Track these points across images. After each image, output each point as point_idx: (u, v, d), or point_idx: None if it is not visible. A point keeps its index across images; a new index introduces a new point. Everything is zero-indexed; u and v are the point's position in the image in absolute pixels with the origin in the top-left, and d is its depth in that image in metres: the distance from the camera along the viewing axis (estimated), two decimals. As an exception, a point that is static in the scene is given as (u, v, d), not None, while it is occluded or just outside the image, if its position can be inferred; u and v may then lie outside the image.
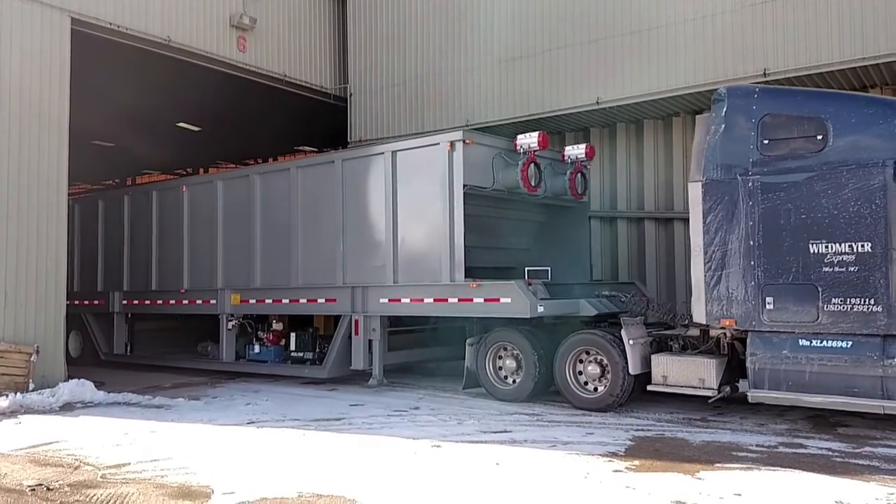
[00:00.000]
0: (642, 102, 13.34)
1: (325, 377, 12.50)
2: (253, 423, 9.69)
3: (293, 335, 13.33)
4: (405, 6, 16.72)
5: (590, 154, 11.99)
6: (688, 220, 9.19)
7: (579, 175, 12.14)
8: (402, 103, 16.66)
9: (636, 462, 7.30)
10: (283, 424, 9.52)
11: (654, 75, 13.07)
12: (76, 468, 7.44)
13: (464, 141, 10.88)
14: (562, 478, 6.76)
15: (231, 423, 9.69)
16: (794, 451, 7.79)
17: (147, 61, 14.84)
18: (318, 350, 13.08)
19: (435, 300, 11.18)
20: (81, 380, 11.93)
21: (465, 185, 10.84)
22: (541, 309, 10.18)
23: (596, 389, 10.10)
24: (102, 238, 16.88)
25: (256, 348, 13.87)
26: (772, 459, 7.40)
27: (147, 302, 15.76)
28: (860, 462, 7.32)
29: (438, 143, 11.13)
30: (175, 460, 7.66)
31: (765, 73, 11.96)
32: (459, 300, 10.91)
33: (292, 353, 13.34)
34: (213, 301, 14.33)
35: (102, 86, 15.72)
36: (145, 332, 16.79)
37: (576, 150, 12.02)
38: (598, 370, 10.12)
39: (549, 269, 12.22)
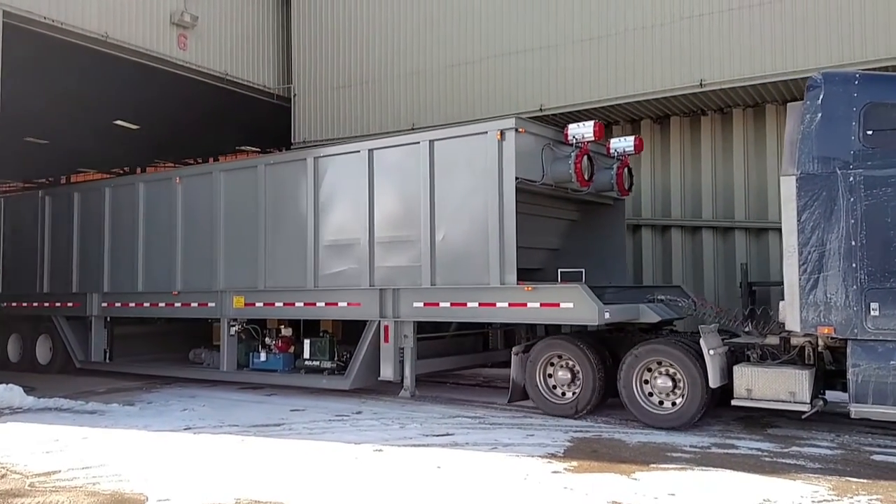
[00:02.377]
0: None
1: (349, 388, 11.23)
2: (189, 428, 9.41)
3: (307, 342, 11.97)
4: (351, 8, 16.58)
5: (639, 147, 11.03)
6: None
7: (626, 170, 11.17)
8: (348, 105, 16.59)
9: (574, 463, 7.37)
10: (221, 430, 9.26)
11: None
12: (2, 477, 7.17)
13: (516, 129, 9.78)
14: (502, 480, 6.80)
15: (167, 428, 9.41)
16: (725, 451, 7.92)
17: (83, 57, 14.18)
18: (337, 358, 11.80)
19: (480, 304, 10.06)
20: (10, 385, 11.53)
21: (516, 178, 9.78)
22: (607, 315, 9.15)
23: (664, 404, 9.14)
24: (78, 235, 15.22)
25: (263, 356, 12.47)
26: (705, 460, 7.52)
27: (132, 304, 14.18)
28: (788, 461, 7.46)
29: (486, 132, 10.00)
30: (108, 467, 7.47)
31: (701, 84, 12.51)
32: (510, 305, 9.81)
33: (306, 362, 11.99)
34: (211, 304, 12.89)
35: (36, 82, 14.96)
36: (126, 338, 15.19)
37: (623, 143, 11.02)
38: (668, 383, 9.13)
39: (583, 271, 11.23)
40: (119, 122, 19.69)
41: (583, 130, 10.13)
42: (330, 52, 17.00)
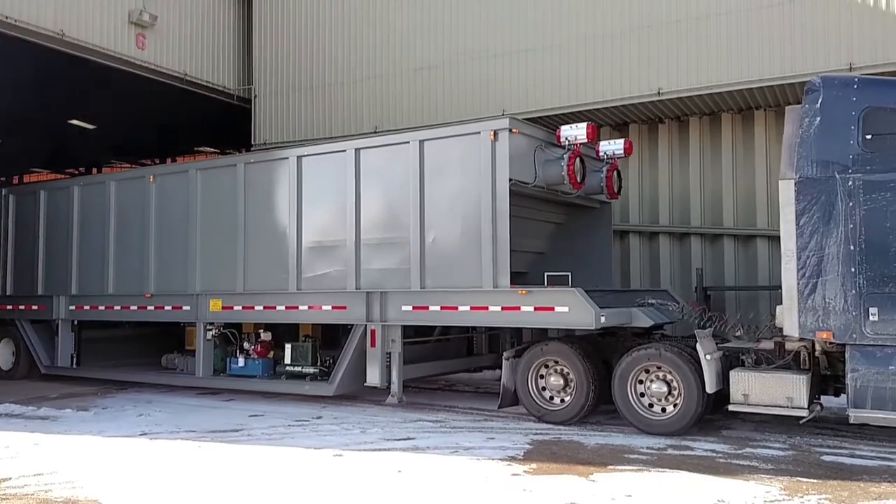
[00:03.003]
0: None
1: (333, 394, 10.90)
2: (145, 434, 9.24)
3: (289, 346, 11.60)
4: (313, 10, 16.54)
5: (629, 150, 10.91)
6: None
7: (616, 172, 11.05)
8: (310, 108, 16.54)
9: (534, 465, 7.43)
10: (178, 436, 9.10)
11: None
12: (-50, 485, 6.97)
13: (510, 129, 9.59)
14: (462, 483, 6.83)
15: (122, 434, 9.22)
16: (681, 452, 8.03)
17: (38, 56, 13.81)
18: (320, 364, 11.46)
19: (472, 308, 9.82)
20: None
21: (510, 180, 9.57)
22: (603, 319, 8.98)
23: (664, 410, 9.00)
24: (44, 235, 14.64)
25: (241, 361, 12.06)
26: (661, 461, 7.63)
27: (101, 307, 13.66)
28: (741, 462, 7.58)
29: (479, 132, 9.78)
30: (61, 474, 7.30)
31: (658, 93, 12.90)
32: (503, 309, 9.59)
33: (287, 368, 11.62)
34: (186, 307, 12.44)
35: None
36: (94, 343, 14.62)
37: (612, 146, 10.90)
38: (664, 388, 9.00)
39: (569, 274, 11.08)
40: (75, 122, 19.14)
41: (576, 132, 9.98)
42: (291, 54, 16.97)
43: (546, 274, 11.40)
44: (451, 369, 12.44)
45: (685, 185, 14.17)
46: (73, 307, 14.07)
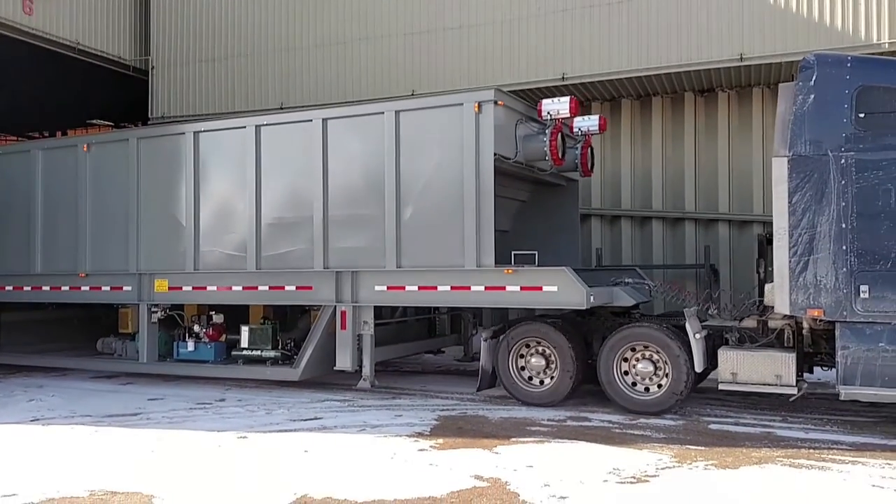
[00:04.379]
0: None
1: (298, 379, 10.26)
2: (38, 420, 8.95)
3: (246, 329, 10.85)
4: None
5: (603, 127, 10.65)
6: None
7: (590, 149, 10.79)
8: (212, 80, 15.90)
9: (440, 440, 7.53)
10: (73, 421, 8.83)
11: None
12: None
13: (495, 101, 9.14)
14: (369, 460, 6.85)
15: (12, 421, 8.89)
16: (580, 424, 8.32)
17: None
18: (281, 347, 10.77)
19: (452, 288, 9.38)
20: None
21: (494, 155, 9.15)
22: (592, 299, 8.74)
23: (647, 389, 8.86)
24: None
25: (190, 345, 11.23)
26: (561, 432, 7.89)
27: (27, 288, 12.45)
28: (635, 433, 7.88)
29: (462, 104, 9.29)
30: None
31: (563, 77, 12.96)
32: (486, 288, 9.21)
33: (245, 352, 10.87)
34: (127, 288, 11.46)
35: None
36: (14, 325, 13.37)
37: (587, 122, 10.60)
38: (650, 367, 8.86)
39: (535, 253, 10.82)
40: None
41: (558, 106, 9.63)
42: (193, 24, 16.18)
43: (513, 252, 11.08)
44: (416, 351, 11.99)
45: (679, 165, 14.06)
46: (-8, 288, 12.84)
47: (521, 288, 9.03)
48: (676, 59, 12.32)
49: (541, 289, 8.93)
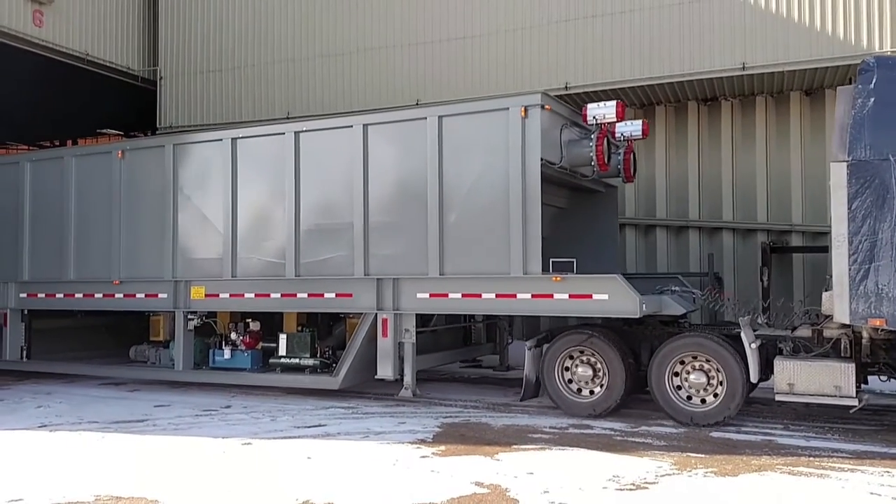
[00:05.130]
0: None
1: (338, 388, 10.00)
2: (45, 426, 8.91)
3: (283, 337, 10.54)
4: None
5: (646, 132, 10.45)
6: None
7: (632, 155, 10.59)
8: (218, 91, 15.89)
9: (442, 447, 7.50)
10: (80, 427, 8.80)
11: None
12: None
13: (542, 106, 8.89)
14: (371, 467, 6.81)
15: (20, 427, 8.86)
16: (581, 431, 8.26)
17: None
18: (320, 355, 10.57)
19: (498, 296, 9.09)
20: None
21: (541, 160, 8.95)
22: (644, 307, 8.51)
23: (703, 401, 8.59)
24: None
25: (227, 353, 10.96)
26: (562, 440, 7.83)
27: (59, 296, 12.28)
28: (636, 440, 7.84)
29: (508, 108, 8.98)
30: None
31: (566, 87, 12.90)
32: (533, 296, 8.91)
33: (283, 360, 10.59)
34: (163, 295, 11.23)
35: None
36: (46, 333, 13.10)
37: (630, 127, 10.39)
38: (702, 379, 8.61)
39: (574, 261, 10.63)
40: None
41: (604, 111, 9.36)
42: (200, 35, 16.15)
43: (551, 260, 10.88)
44: (451, 360, 11.66)
45: (683, 173, 13.88)
46: (24, 295, 12.55)
47: (570, 296, 8.71)
48: (679, 68, 12.17)
49: (591, 297, 8.61)
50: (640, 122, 10.40)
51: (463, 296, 9.33)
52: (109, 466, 6.93)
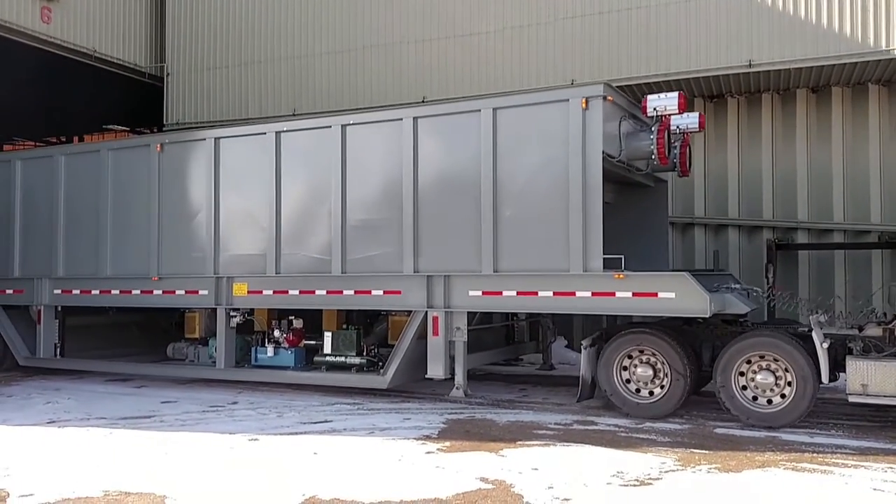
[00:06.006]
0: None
1: (387, 387, 9.64)
2: (54, 422, 8.83)
3: (329, 335, 10.12)
4: None
5: (702, 124, 10.11)
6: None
7: (688, 148, 10.26)
8: (225, 87, 15.81)
9: (447, 443, 7.44)
10: (88, 423, 8.72)
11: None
12: None
13: (604, 97, 8.56)
14: (376, 462, 6.75)
15: (29, 422, 8.79)
16: (586, 427, 8.19)
17: None
18: (366, 353, 10.27)
19: (555, 293, 8.70)
20: None
21: (603, 153, 8.64)
22: (713, 306, 8.21)
23: (770, 402, 8.25)
24: (21, 210, 12.63)
25: (270, 351, 10.60)
26: (567, 436, 7.76)
27: (95, 292, 12.00)
28: (641, 436, 7.74)
29: (568, 100, 8.55)
30: None
31: (572, 83, 12.44)
32: (593, 294, 8.51)
33: (328, 358, 10.23)
34: (203, 291, 10.87)
35: None
36: (78, 330, 12.71)
37: (686, 119, 10.03)
38: (769, 379, 8.28)
39: (622, 257, 10.34)
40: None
41: (665, 102, 8.94)
42: (207, 31, 15.92)
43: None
44: (496, 359, 11.16)
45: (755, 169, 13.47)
46: (58, 291, 12.15)
47: (634, 294, 8.26)
48: (686, 65, 11.90)
49: (656, 295, 8.17)
50: (696, 114, 9.95)
51: (518, 293, 8.93)
52: (117, 462, 6.90)
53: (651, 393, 8.71)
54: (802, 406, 8.00)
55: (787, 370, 8.11)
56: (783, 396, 8.15)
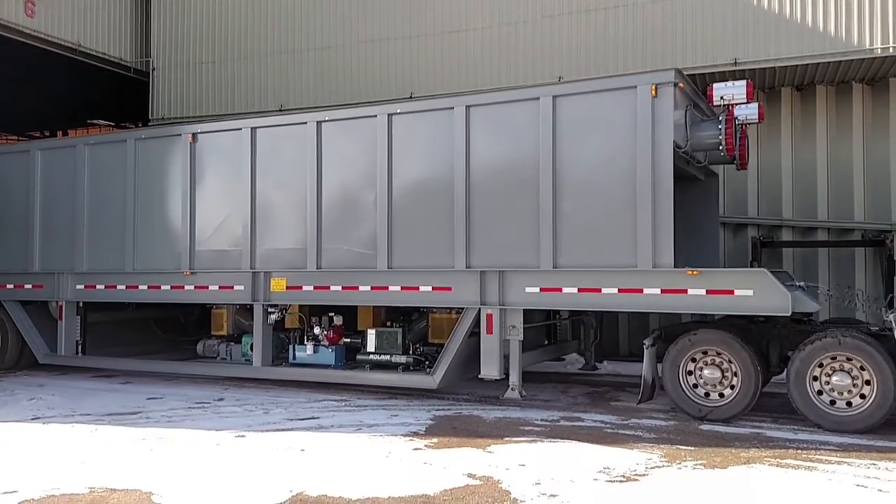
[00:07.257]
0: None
1: (436, 388, 9.20)
2: (38, 419, 8.74)
3: (372, 332, 9.70)
4: None
5: (762, 115, 9.68)
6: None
7: (747, 139, 9.85)
8: (212, 82, 15.67)
9: (435, 440, 7.42)
10: (73, 420, 8.64)
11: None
12: None
13: (675, 84, 8.11)
14: (364, 459, 6.73)
15: (12, 419, 8.68)
16: (573, 424, 8.17)
17: None
18: (412, 352, 9.77)
19: (620, 290, 8.29)
20: None
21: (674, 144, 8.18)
22: (793, 305, 7.78)
23: (849, 404, 7.81)
24: (41, 202, 12.12)
25: (309, 349, 10.18)
26: (553, 432, 7.75)
27: (121, 287, 11.48)
28: (627, 432, 7.75)
29: (636, 87, 8.11)
30: None
31: (559, 80, 12.30)
32: (663, 291, 8.09)
33: (372, 356, 9.80)
34: (239, 287, 10.38)
35: None
36: (100, 326, 12.22)
37: (746, 110, 9.56)
38: (846, 380, 7.88)
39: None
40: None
41: (733, 91, 8.49)
42: (193, 26, 15.71)
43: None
44: (540, 359, 10.61)
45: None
46: (81, 286, 11.68)
47: (707, 292, 7.84)
48: (671, 63, 11.51)
49: (732, 293, 7.74)
50: (755, 104, 9.54)
51: (579, 290, 8.49)
52: (103, 458, 6.81)
53: (721, 395, 8.30)
54: (883, 410, 7.67)
55: (863, 369, 7.73)
56: (862, 397, 7.76)
